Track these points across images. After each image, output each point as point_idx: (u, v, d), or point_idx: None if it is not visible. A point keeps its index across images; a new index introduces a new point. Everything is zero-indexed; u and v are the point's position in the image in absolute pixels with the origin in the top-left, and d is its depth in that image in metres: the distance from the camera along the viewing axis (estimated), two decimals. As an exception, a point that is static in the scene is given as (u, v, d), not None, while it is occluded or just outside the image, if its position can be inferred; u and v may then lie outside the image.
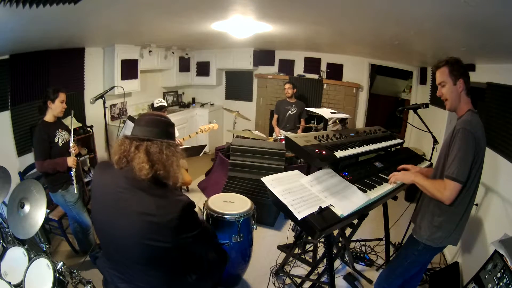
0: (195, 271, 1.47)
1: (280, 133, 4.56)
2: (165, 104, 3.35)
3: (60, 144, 2.36)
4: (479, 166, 1.54)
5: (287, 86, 4.63)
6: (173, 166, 1.23)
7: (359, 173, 1.96)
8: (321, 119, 4.49)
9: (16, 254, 2.00)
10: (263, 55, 5.62)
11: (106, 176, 1.29)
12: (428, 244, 1.66)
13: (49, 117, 2.37)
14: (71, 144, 2.38)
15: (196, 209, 1.33)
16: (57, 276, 1.83)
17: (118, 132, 3.72)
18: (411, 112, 4.57)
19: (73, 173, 2.34)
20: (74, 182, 2.36)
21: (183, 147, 2.75)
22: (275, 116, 4.88)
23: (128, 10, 2.38)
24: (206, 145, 3.24)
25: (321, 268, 2.46)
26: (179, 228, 1.20)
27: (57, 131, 2.37)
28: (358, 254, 2.83)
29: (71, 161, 2.34)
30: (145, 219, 1.17)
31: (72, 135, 2.40)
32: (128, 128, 3.04)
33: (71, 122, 2.40)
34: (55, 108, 2.35)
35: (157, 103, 3.27)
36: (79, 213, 2.51)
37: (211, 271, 1.63)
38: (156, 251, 1.22)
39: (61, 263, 1.95)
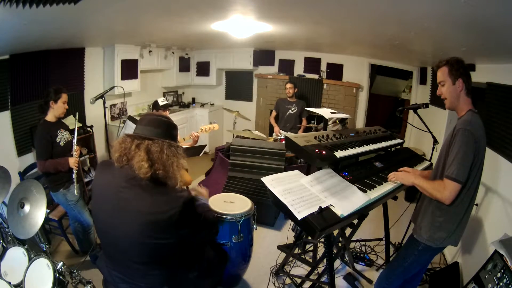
0: (196, 266, 1.47)
1: (280, 133, 4.56)
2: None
3: (61, 144, 2.36)
4: (479, 166, 1.54)
5: (289, 86, 4.62)
6: (173, 166, 1.23)
7: (359, 173, 1.96)
8: (321, 119, 4.49)
9: (16, 254, 2.00)
10: (263, 55, 5.62)
11: (107, 176, 1.29)
12: (429, 244, 1.66)
13: (50, 117, 2.37)
14: (74, 146, 2.38)
15: None
16: (57, 276, 1.83)
17: (118, 132, 3.72)
18: (411, 112, 4.57)
19: (74, 174, 2.35)
20: (75, 182, 2.36)
21: (183, 147, 2.75)
22: (273, 113, 4.87)
23: (128, 10, 2.38)
24: (206, 145, 3.24)
25: (321, 268, 2.46)
26: (181, 223, 1.20)
27: (59, 131, 2.37)
28: (358, 254, 2.83)
29: (72, 161, 2.34)
30: (146, 217, 1.17)
31: (75, 137, 2.39)
32: (128, 128, 3.03)
33: (75, 123, 2.40)
34: (57, 108, 2.35)
35: (162, 101, 3.27)
36: (80, 212, 2.51)
37: (211, 269, 1.63)
38: (157, 248, 1.22)
39: (61, 263, 1.95)
